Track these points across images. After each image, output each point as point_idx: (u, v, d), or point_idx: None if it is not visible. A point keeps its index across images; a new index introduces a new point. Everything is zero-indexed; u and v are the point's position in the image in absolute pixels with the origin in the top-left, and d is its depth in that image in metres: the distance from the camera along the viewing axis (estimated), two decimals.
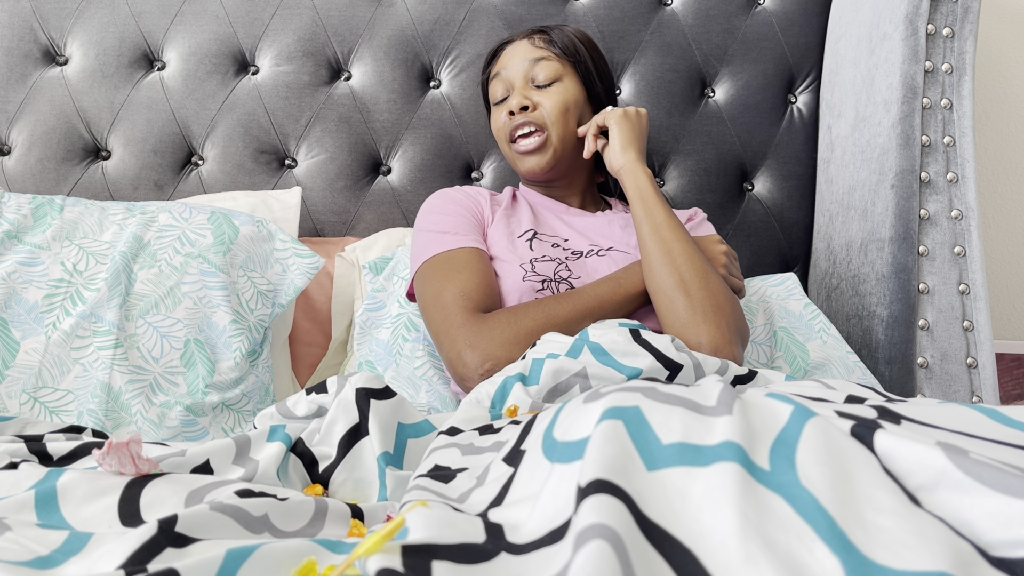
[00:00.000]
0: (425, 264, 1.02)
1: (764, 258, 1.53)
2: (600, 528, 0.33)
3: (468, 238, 1.04)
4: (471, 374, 0.89)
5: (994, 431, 0.45)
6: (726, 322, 0.93)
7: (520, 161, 1.13)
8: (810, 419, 0.42)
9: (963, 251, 1.17)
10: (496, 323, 0.91)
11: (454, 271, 0.98)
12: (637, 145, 1.07)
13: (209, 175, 1.46)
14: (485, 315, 0.93)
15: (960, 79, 1.18)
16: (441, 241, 1.03)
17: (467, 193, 1.14)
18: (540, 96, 1.11)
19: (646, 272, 0.97)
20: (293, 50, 1.47)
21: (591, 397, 0.48)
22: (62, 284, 1.06)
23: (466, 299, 0.94)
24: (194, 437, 1.03)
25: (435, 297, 0.97)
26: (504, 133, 1.13)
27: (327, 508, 0.52)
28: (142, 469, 0.54)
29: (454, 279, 0.97)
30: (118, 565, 0.38)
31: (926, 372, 1.18)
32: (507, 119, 1.12)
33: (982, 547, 0.35)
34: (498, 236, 1.07)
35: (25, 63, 1.43)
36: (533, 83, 1.12)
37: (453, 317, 0.93)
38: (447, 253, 1.01)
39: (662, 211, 0.99)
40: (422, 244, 1.05)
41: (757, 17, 1.52)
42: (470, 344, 0.90)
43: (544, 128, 1.09)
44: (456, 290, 0.95)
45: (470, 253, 1.01)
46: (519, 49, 1.14)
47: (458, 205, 1.10)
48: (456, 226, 1.06)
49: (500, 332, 0.90)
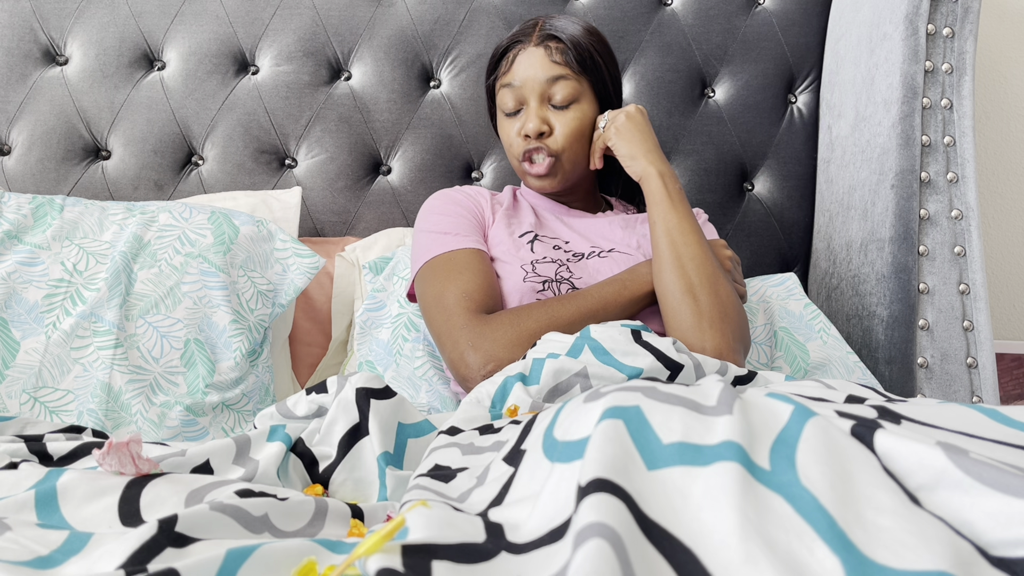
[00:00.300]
0: (426, 265, 1.02)
1: (764, 258, 1.53)
2: (600, 527, 0.33)
3: (469, 239, 1.04)
4: (473, 375, 0.89)
5: (994, 431, 0.45)
6: (731, 330, 0.93)
7: (531, 180, 1.11)
8: (810, 419, 0.42)
9: (963, 251, 1.17)
10: (499, 324, 0.91)
11: (455, 272, 0.98)
12: (643, 147, 1.04)
13: (209, 175, 1.46)
14: (488, 316, 0.93)
15: (960, 79, 1.18)
16: (442, 242, 1.03)
17: (467, 194, 1.13)
18: (556, 119, 1.06)
19: (656, 274, 0.97)
20: (293, 50, 1.47)
21: (591, 397, 0.48)
22: (62, 284, 1.06)
23: (468, 300, 0.94)
24: (194, 437, 1.03)
25: (437, 298, 0.97)
26: (516, 150, 1.10)
27: (327, 508, 0.52)
28: (142, 469, 0.54)
29: (455, 280, 0.97)
30: (118, 565, 0.38)
31: (926, 372, 1.18)
32: (520, 139, 1.08)
33: (982, 546, 0.35)
34: (499, 237, 1.07)
35: (25, 63, 1.43)
36: (549, 101, 1.07)
37: (455, 318, 0.93)
38: (448, 254, 1.01)
39: (675, 214, 0.98)
40: (423, 245, 1.05)
41: (757, 17, 1.52)
42: (472, 345, 0.90)
43: (557, 155, 1.07)
44: (458, 291, 0.95)
45: (471, 254, 1.01)
46: (535, 60, 1.07)
47: (458, 206, 1.09)
48: (457, 227, 1.05)
49: (503, 333, 0.90)
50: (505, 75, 1.09)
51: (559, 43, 1.07)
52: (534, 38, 1.09)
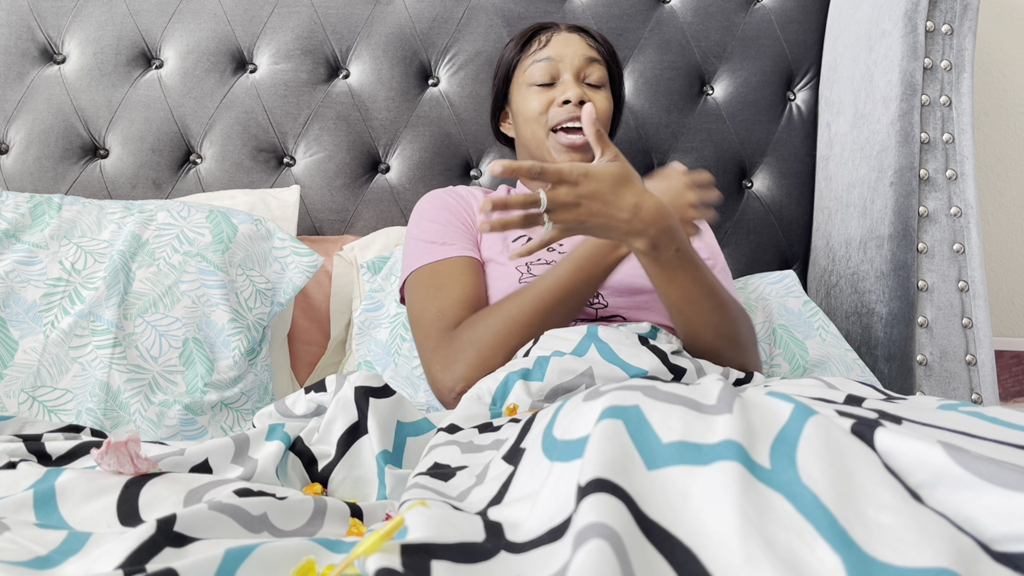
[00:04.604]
0: (412, 275, 1.03)
1: (763, 255, 1.53)
2: (600, 527, 0.33)
3: (455, 247, 1.03)
4: (446, 398, 0.91)
5: (994, 432, 0.45)
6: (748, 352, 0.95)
7: (558, 154, 1.07)
8: (811, 417, 0.42)
9: (962, 248, 1.17)
10: (460, 345, 0.90)
11: (435, 288, 0.98)
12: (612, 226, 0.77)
13: (207, 173, 1.45)
14: (454, 334, 0.92)
15: (959, 76, 1.18)
16: (428, 252, 1.03)
17: (459, 195, 1.13)
18: (593, 96, 1.09)
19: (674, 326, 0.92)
20: (291, 48, 1.46)
21: (591, 396, 0.48)
22: (60, 283, 1.06)
23: (442, 319, 0.94)
24: (193, 436, 1.02)
25: (416, 316, 0.98)
26: (545, 118, 1.07)
27: (326, 507, 0.52)
28: (141, 468, 0.53)
29: (434, 297, 0.97)
30: (117, 565, 0.38)
31: (925, 369, 1.18)
32: (558, 108, 1.05)
33: (984, 542, 0.35)
34: (492, 239, 1.06)
35: (23, 61, 1.42)
36: (584, 80, 1.10)
37: (429, 340, 0.94)
38: (432, 266, 1.01)
39: (675, 288, 0.85)
40: (410, 252, 1.05)
41: (756, 14, 1.52)
42: (442, 368, 0.91)
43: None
44: (434, 310, 0.95)
45: (455, 264, 1.01)
46: (573, 41, 1.11)
47: (447, 211, 1.09)
48: (443, 234, 1.05)
49: (466, 355, 0.89)
50: (539, 51, 1.11)
51: (589, 35, 1.14)
52: (562, 27, 1.15)
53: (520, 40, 1.15)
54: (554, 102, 1.07)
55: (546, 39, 1.12)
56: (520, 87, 1.12)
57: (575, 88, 1.06)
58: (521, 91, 1.12)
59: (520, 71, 1.13)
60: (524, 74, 1.12)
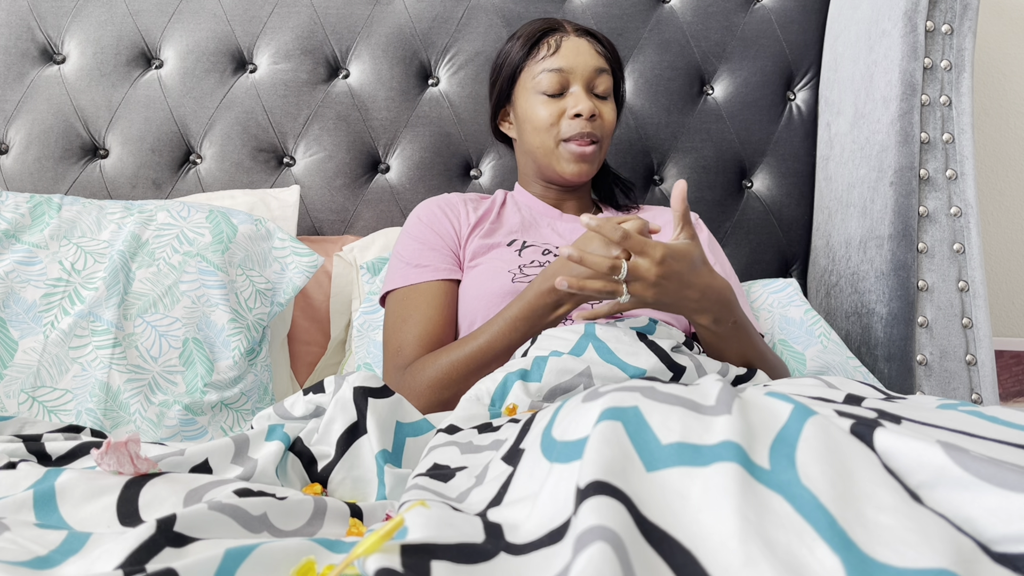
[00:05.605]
0: (389, 296, 1.07)
1: (763, 255, 1.53)
2: (601, 530, 0.33)
3: (428, 269, 1.05)
4: None
5: (993, 431, 0.45)
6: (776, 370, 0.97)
7: (567, 163, 1.09)
8: (810, 417, 0.42)
9: (962, 248, 1.17)
10: (406, 387, 0.95)
11: (400, 319, 1.02)
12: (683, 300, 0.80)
13: (207, 174, 1.45)
14: (404, 375, 0.96)
15: (959, 76, 1.18)
16: (403, 274, 1.06)
17: (450, 204, 1.13)
18: (601, 107, 1.10)
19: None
20: (291, 48, 1.46)
21: (590, 396, 0.48)
22: (60, 283, 1.06)
23: (399, 356, 0.99)
24: (193, 436, 1.02)
25: (383, 341, 1.04)
26: (556, 129, 1.08)
27: (326, 507, 0.52)
28: (141, 468, 0.53)
29: (398, 329, 1.01)
30: (117, 565, 0.38)
31: (925, 369, 1.18)
32: (569, 120, 1.07)
33: (984, 543, 0.35)
34: (481, 246, 1.07)
35: (22, 62, 1.42)
36: (592, 91, 1.10)
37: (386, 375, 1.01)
38: (404, 291, 1.04)
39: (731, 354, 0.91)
40: (390, 269, 1.09)
41: (756, 14, 1.52)
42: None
43: (600, 141, 1.10)
44: (394, 345, 1.00)
45: (424, 292, 1.03)
46: (583, 48, 1.10)
47: (431, 229, 1.09)
48: (420, 255, 1.06)
49: (410, 397, 0.93)
50: (549, 58, 1.09)
51: (596, 39, 1.13)
52: (569, 29, 1.13)
53: (527, 42, 1.12)
54: (565, 114, 1.08)
55: (555, 44, 1.10)
56: (527, 93, 1.11)
57: (587, 102, 1.07)
58: (529, 98, 1.11)
59: (528, 76, 1.11)
60: (532, 80, 1.10)
